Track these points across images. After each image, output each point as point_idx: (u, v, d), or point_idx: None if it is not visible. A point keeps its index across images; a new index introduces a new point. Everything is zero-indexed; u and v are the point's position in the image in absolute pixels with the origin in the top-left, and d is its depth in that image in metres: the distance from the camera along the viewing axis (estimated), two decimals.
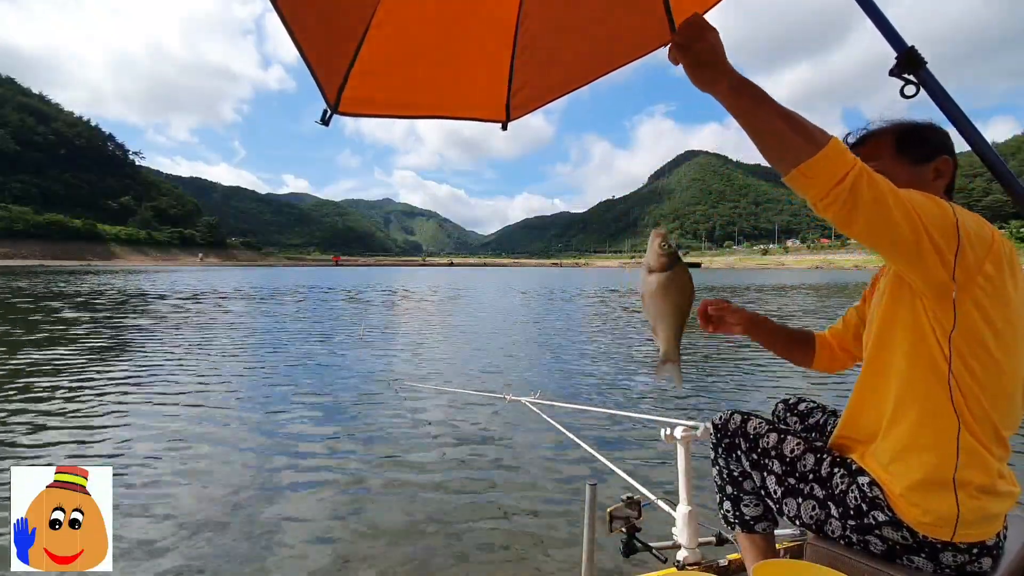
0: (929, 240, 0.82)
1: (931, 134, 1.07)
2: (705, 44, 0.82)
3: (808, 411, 1.39)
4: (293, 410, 4.57)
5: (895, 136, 1.07)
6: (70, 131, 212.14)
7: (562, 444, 3.53)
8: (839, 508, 1.02)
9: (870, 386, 1.02)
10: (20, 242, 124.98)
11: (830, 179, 0.79)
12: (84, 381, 5.52)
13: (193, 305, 15.31)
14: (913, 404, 0.94)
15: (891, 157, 1.06)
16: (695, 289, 0.96)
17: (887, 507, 0.96)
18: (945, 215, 0.84)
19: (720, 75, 0.82)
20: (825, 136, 0.81)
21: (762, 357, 7.01)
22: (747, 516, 1.25)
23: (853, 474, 1.02)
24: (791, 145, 0.81)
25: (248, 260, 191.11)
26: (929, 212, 0.83)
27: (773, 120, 0.81)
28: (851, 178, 0.79)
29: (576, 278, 52.81)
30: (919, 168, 1.04)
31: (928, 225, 0.82)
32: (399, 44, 1.39)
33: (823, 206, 0.81)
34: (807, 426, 1.37)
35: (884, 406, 0.99)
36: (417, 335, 9.86)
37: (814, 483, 1.06)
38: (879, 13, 1.11)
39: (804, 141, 0.80)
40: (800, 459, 1.10)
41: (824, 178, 0.79)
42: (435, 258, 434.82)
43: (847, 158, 0.80)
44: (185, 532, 2.45)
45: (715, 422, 1.27)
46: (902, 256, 0.85)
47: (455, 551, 2.34)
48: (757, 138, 0.84)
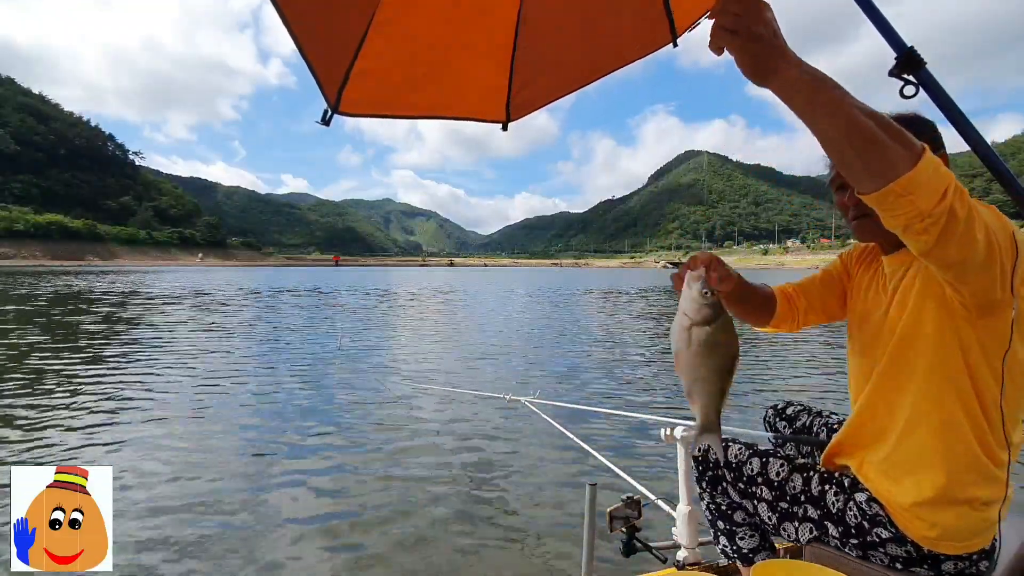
0: (1000, 256, 0.72)
1: (921, 128, 0.95)
2: (759, 23, 0.63)
3: (795, 415, 1.41)
4: (293, 410, 4.57)
5: None
6: (70, 131, 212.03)
7: (562, 444, 3.52)
8: (839, 527, 0.99)
9: (882, 395, 0.97)
10: (20, 242, 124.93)
11: (932, 197, 0.65)
12: (84, 381, 5.52)
13: (193, 305, 15.31)
14: (929, 419, 0.90)
15: None
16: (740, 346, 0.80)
17: (889, 523, 0.93)
18: (1005, 227, 0.74)
19: (784, 62, 0.64)
20: (917, 142, 0.66)
21: (759, 358, 7.02)
22: (745, 549, 1.21)
23: (847, 490, 0.99)
24: (885, 154, 0.64)
25: (248, 260, 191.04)
26: (995, 225, 0.73)
27: (858, 120, 0.64)
28: (951, 194, 0.65)
29: (577, 278, 52.78)
30: None
31: (996, 238, 0.72)
32: (400, 44, 1.39)
33: (919, 229, 0.67)
34: (795, 429, 1.38)
35: (895, 416, 0.94)
36: (417, 335, 9.85)
37: (807, 504, 1.03)
38: (878, 14, 1.11)
39: (902, 148, 0.64)
40: (787, 481, 1.06)
41: (925, 196, 0.65)
42: (435, 258, 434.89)
43: (944, 169, 0.66)
44: (185, 532, 2.45)
45: (695, 455, 1.21)
46: (970, 275, 0.74)
47: (455, 550, 2.34)
48: (835, 145, 0.67)
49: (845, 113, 0.64)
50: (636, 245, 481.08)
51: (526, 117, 1.69)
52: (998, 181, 1.06)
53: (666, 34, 1.50)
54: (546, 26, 1.52)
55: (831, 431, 1.30)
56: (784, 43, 0.64)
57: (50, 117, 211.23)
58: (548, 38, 1.54)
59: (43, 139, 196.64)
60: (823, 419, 1.35)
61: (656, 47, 1.54)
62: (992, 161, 1.05)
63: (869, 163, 0.66)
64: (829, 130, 0.66)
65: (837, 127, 0.65)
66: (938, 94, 1.05)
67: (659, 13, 1.46)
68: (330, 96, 1.34)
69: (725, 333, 0.76)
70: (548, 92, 1.66)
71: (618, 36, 1.55)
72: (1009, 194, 1.06)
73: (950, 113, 1.05)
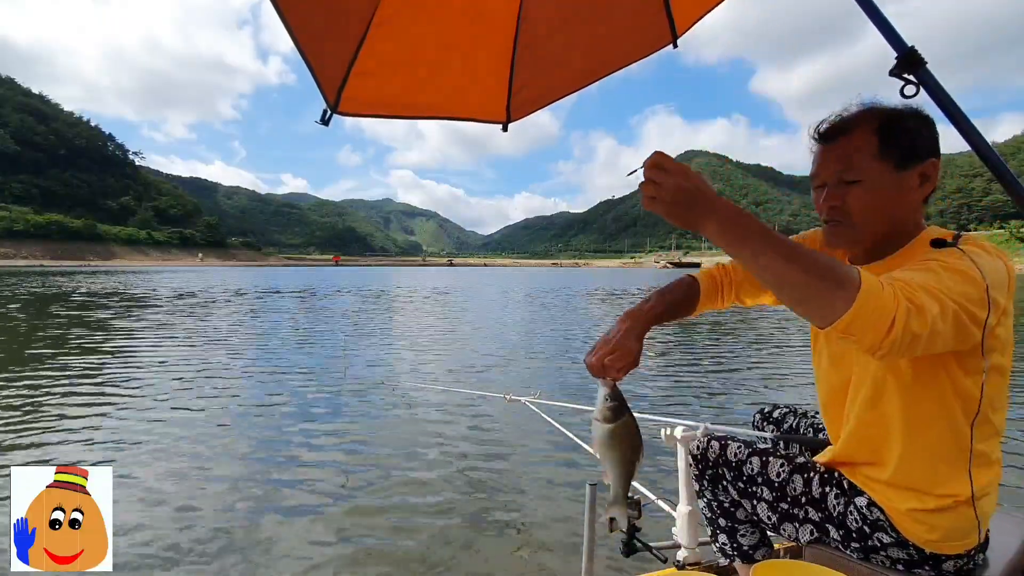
0: (970, 322, 0.73)
1: (921, 128, 0.89)
2: (678, 191, 0.68)
3: (782, 417, 1.42)
4: (293, 409, 4.56)
5: (878, 128, 0.89)
6: (70, 131, 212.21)
7: (562, 444, 3.52)
8: (840, 530, 0.99)
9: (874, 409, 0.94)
10: (20, 242, 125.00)
11: (876, 332, 0.65)
12: (85, 381, 5.52)
13: (193, 305, 15.31)
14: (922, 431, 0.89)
15: (872, 157, 0.88)
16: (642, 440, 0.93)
17: (890, 528, 0.93)
18: (978, 288, 0.74)
19: (705, 219, 0.68)
20: (853, 275, 0.65)
21: (753, 359, 7.01)
22: (745, 546, 1.20)
23: (847, 493, 0.99)
24: (818, 298, 0.66)
25: (248, 260, 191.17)
26: (964, 295, 0.72)
27: (785, 270, 0.66)
28: (900, 323, 0.65)
29: (577, 278, 52.78)
30: (904, 174, 0.88)
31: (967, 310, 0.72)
32: (399, 44, 1.39)
33: (879, 356, 0.69)
34: (783, 431, 1.39)
35: (888, 435, 0.93)
36: (417, 335, 9.85)
37: (808, 506, 1.02)
38: (879, 13, 1.11)
39: (836, 289, 0.65)
40: (788, 482, 1.05)
41: (869, 332, 0.65)
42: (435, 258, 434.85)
43: (885, 299, 0.65)
44: (185, 532, 2.45)
45: (693, 453, 1.21)
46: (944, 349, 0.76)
47: (454, 551, 2.34)
48: (770, 287, 0.69)
49: (770, 262, 0.66)
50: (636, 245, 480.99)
51: (526, 117, 1.70)
52: (998, 181, 1.06)
53: (666, 34, 1.50)
54: (546, 27, 1.52)
55: (817, 431, 1.31)
56: (708, 200, 0.67)
57: (50, 117, 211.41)
58: (548, 39, 1.54)
59: (43, 139, 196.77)
60: (808, 420, 1.36)
61: (656, 48, 1.54)
62: (992, 161, 1.05)
63: (804, 307, 0.68)
64: (759, 276, 0.68)
65: (763, 275, 0.68)
66: (938, 93, 1.05)
67: (659, 13, 1.47)
68: (329, 96, 1.34)
69: (627, 430, 0.91)
70: (548, 93, 1.66)
71: (618, 37, 1.55)
72: (1009, 194, 1.06)
73: (950, 112, 1.05)
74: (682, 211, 0.69)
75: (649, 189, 0.70)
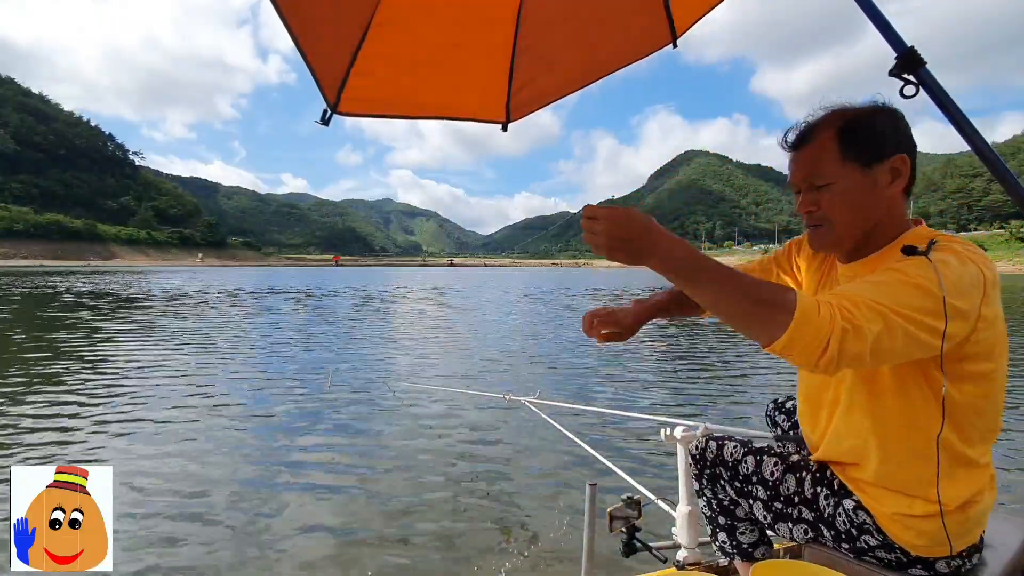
0: (925, 334, 0.74)
1: (886, 124, 0.88)
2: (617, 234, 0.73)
3: (794, 408, 1.42)
4: (294, 410, 4.57)
5: (836, 133, 0.89)
6: (70, 131, 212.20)
7: (562, 444, 3.52)
8: (831, 531, 0.99)
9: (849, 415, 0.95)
10: (20, 242, 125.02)
11: (811, 353, 0.69)
12: (85, 381, 5.52)
13: (193, 306, 15.31)
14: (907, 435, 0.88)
15: (836, 162, 0.89)
16: None
17: (876, 531, 0.93)
18: (933, 300, 0.74)
19: (647, 256, 0.73)
20: (789, 300, 0.69)
21: (752, 358, 7.01)
22: (745, 544, 1.20)
23: (837, 495, 0.99)
24: (755, 323, 0.71)
25: (247, 260, 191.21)
26: (917, 308, 0.73)
27: (723, 295, 0.72)
28: (834, 344, 0.68)
29: (577, 278, 52.78)
30: (872, 171, 0.88)
31: (919, 322, 0.73)
32: (399, 45, 1.39)
33: (818, 373, 0.73)
34: (793, 423, 1.39)
35: (866, 439, 0.93)
36: (417, 335, 9.85)
37: (801, 506, 1.03)
38: (879, 14, 1.11)
39: (771, 313, 0.70)
40: (781, 482, 1.05)
41: (804, 353, 0.69)
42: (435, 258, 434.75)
43: (820, 322, 0.68)
44: (185, 532, 2.45)
45: (692, 453, 1.22)
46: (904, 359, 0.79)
47: (455, 550, 2.34)
48: (715, 314, 0.76)
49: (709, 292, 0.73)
50: None
51: (527, 117, 1.70)
52: (998, 181, 1.06)
53: (666, 35, 1.50)
54: (546, 27, 1.52)
55: None
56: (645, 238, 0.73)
57: (50, 117, 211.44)
58: (548, 39, 1.54)
59: (43, 139, 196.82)
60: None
61: (656, 48, 1.54)
62: (992, 161, 1.05)
63: (744, 331, 0.74)
64: (702, 303, 0.75)
65: (704, 303, 0.74)
66: (938, 93, 1.05)
67: (659, 13, 1.46)
68: (329, 96, 1.35)
69: None
70: (548, 93, 1.66)
71: (618, 37, 1.55)
72: (1009, 194, 1.06)
73: (950, 113, 1.05)
74: (621, 252, 0.74)
75: (588, 237, 0.77)
